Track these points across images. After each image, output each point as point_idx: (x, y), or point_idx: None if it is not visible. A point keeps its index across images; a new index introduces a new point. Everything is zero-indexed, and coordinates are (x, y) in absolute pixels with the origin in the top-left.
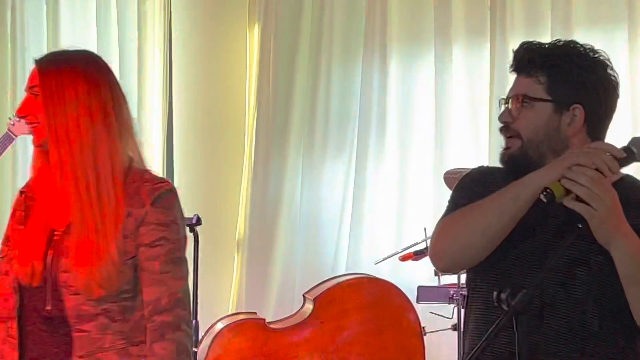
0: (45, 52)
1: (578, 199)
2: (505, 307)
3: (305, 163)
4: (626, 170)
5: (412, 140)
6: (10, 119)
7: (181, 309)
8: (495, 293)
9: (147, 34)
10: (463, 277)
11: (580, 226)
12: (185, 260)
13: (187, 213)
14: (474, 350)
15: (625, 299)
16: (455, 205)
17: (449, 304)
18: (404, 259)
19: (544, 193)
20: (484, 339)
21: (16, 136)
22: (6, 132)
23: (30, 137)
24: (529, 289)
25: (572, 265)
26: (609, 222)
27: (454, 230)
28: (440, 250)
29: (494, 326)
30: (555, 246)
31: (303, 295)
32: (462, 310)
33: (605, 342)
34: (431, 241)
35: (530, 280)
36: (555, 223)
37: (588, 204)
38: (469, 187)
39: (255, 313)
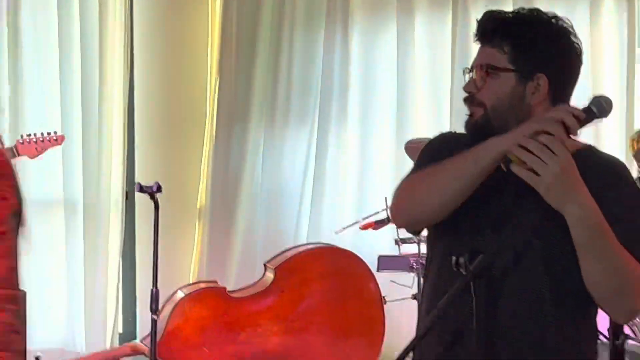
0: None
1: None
2: (463, 272)
3: (267, 132)
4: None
5: (373, 111)
6: (21, 136)
7: (3, 289)
8: (454, 257)
9: (109, 1)
10: (423, 247)
11: (535, 193)
12: (8, 232)
13: (148, 181)
14: (432, 315)
15: (578, 265)
16: (418, 168)
17: (410, 273)
18: (364, 228)
19: (504, 162)
20: (441, 304)
21: (18, 155)
22: (10, 147)
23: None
24: (487, 254)
25: (528, 233)
26: (557, 189)
27: (414, 189)
28: (400, 208)
29: (452, 290)
30: (514, 212)
31: (264, 264)
32: (422, 279)
33: (557, 310)
34: (392, 198)
35: (486, 245)
36: (515, 189)
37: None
38: (433, 152)
39: (216, 282)
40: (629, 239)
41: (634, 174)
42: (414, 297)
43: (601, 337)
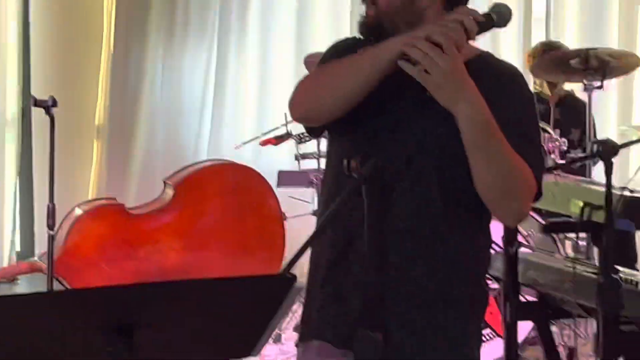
0: None
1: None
2: (355, 175)
3: (166, 47)
4: None
5: (273, 26)
6: None
7: None
8: (345, 161)
9: None
10: (323, 162)
11: (428, 94)
12: None
13: (43, 95)
14: (324, 218)
15: (468, 168)
16: None
17: (309, 188)
18: (264, 143)
19: (401, 60)
20: (333, 207)
21: None
22: None
23: None
24: (380, 157)
25: (421, 136)
26: (448, 87)
27: (313, 83)
28: (297, 101)
29: (343, 193)
30: (408, 117)
31: (164, 181)
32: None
33: (448, 214)
34: (292, 93)
35: (380, 149)
36: (412, 94)
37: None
38: (337, 54)
39: (114, 199)
40: (519, 142)
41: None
42: (314, 213)
43: (495, 246)
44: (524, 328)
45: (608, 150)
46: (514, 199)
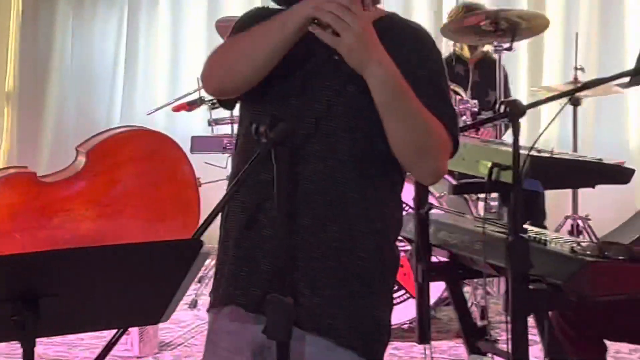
0: None
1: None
2: (264, 140)
3: (76, 13)
4: None
5: None
6: None
7: None
8: (253, 126)
9: None
10: (237, 128)
11: (336, 57)
12: None
13: None
14: (234, 183)
15: (381, 131)
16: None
17: (223, 153)
18: (177, 109)
19: (312, 24)
20: (242, 172)
21: None
22: None
23: None
24: (288, 121)
25: (330, 98)
26: (358, 50)
27: (224, 55)
28: (209, 74)
29: (253, 158)
30: (317, 79)
31: (76, 149)
32: None
33: (359, 176)
34: (204, 65)
35: (289, 112)
36: (321, 58)
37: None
38: (245, 24)
39: (26, 167)
40: (431, 100)
41: (444, 50)
42: (228, 178)
43: (406, 207)
44: (438, 289)
45: (515, 111)
46: (430, 157)
